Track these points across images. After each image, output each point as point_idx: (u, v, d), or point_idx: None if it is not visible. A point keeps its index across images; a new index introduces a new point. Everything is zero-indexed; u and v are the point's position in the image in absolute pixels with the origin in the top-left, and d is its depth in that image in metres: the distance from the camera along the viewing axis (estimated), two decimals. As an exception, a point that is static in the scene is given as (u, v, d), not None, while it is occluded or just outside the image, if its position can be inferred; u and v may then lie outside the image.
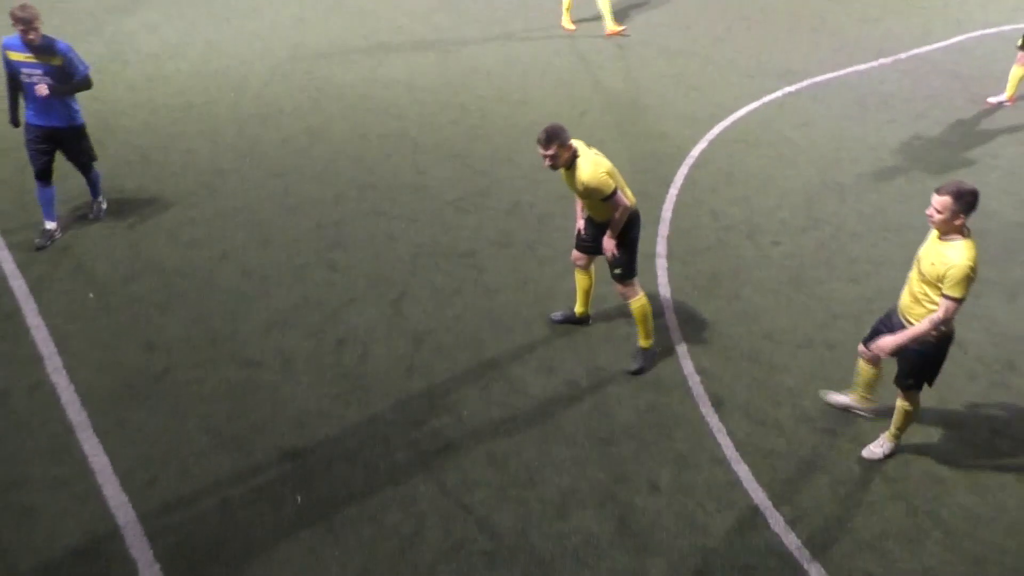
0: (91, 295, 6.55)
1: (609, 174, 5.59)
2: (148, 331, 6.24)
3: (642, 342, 6.16)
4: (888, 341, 5.02)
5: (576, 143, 5.61)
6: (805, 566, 4.81)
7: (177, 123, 9.11)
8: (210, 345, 6.15)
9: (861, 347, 5.50)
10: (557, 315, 6.57)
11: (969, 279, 4.67)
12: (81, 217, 7.42)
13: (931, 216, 4.72)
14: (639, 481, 5.29)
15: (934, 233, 4.86)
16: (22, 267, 6.77)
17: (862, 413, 5.80)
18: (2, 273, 6.72)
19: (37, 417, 5.46)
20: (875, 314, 6.76)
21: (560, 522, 5.00)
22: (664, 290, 6.99)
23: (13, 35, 6.54)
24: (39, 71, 6.53)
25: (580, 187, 5.60)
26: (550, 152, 5.48)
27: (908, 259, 7.44)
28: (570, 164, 5.59)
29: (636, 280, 6.02)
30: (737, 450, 5.54)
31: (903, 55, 11.97)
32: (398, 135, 9.20)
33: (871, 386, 5.66)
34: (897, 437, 5.50)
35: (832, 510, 5.17)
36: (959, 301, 4.73)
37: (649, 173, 8.72)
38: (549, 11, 12.76)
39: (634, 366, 6.12)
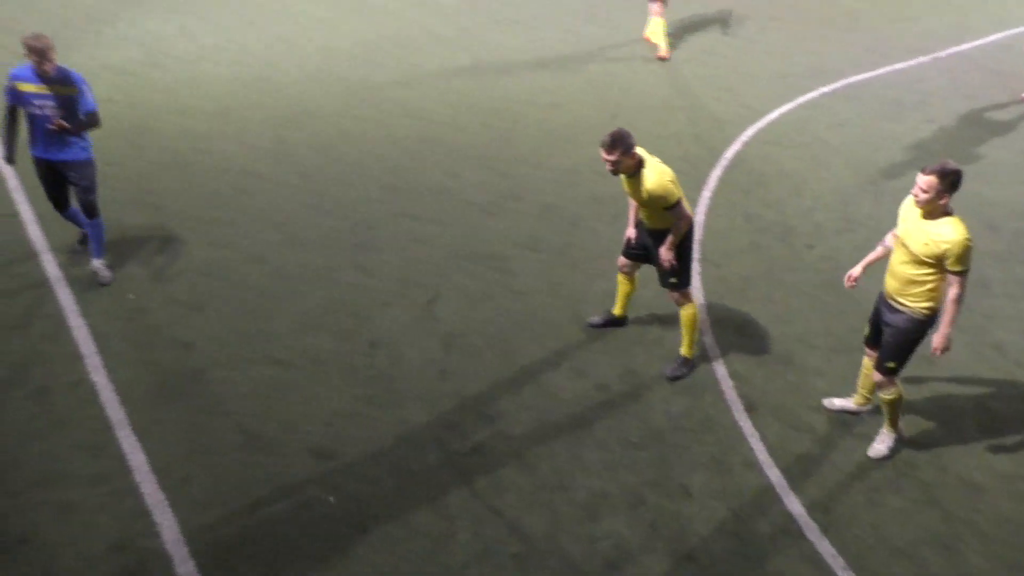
0: (130, 295, 6.66)
1: (673, 183, 5.58)
2: (184, 331, 6.33)
3: (684, 350, 6.12)
4: (940, 339, 5.07)
5: (639, 151, 5.57)
6: (839, 574, 4.75)
7: (211, 127, 9.23)
8: (243, 345, 6.23)
9: (867, 348, 5.57)
10: (596, 319, 6.53)
11: (970, 250, 4.85)
12: (116, 219, 7.55)
13: (917, 196, 4.87)
14: (671, 485, 5.26)
15: (914, 213, 4.98)
16: (64, 268, 6.89)
17: (859, 412, 5.81)
18: (45, 275, 6.86)
19: (77, 414, 5.57)
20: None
21: (591, 526, 4.99)
22: (696, 293, 6.94)
23: (23, 66, 6.26)
24: (51, 102, 6.25)
25: (645, 195, 5.57)
26: (613, 157, 5.45)
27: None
28: (634, 172, 5.57)
29: (690, 289, 6.00)
30: (770, 455, 5.49)
31: (942, 53, 11.78)
32: (428, 138, 9.24)
33: (875, 386, 5.65)
34: (895, 426, 5.51)
35: (867, 516, 5.10)
36: (967, 273, 4.90)
37: (681, 175, 8.57)
38: (579, 14, 12.74)
39: (672, 372, 6.09)
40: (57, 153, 6.48)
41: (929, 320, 5.14)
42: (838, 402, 5.86)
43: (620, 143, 5.43)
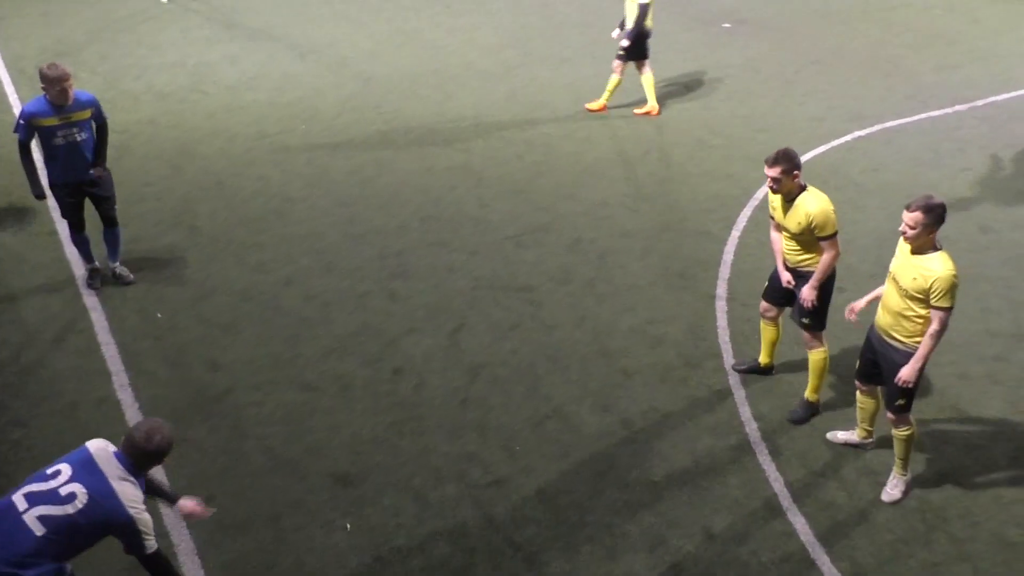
0: (159, 315, 6.77)
1: (834, 212, 5.53)
2: (213, 351, 6.41)
3: (810, 395, 6.05)
4: (907, 371, 5.08)
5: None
6: (864, 626, 4.63)
7: (251, 151, 9.42)
8: (271, 367, 6.28)
9: (858, 383, 5.58)
10: (741, 365, 6.45)
11: (955, 287, 4.86)
12: (153, 239, 7.69)
13: (904, 232, 4.91)
14: (692, 527, 5.18)
15: (905, 249, 5.03)
16: (95, 288, 7.03)
17: (864, 445, 5.77)
18: (76, 291, 7.00)
19: (103, 431, 5.57)
20: (943, 366, 6.55)
21: (610, 564, 4.92)
22: (723, 333, 6.89)
23: (34, 100, 6.30)
24: (74, 129, 6.34)
25: (804, 218, 5.49)
26: (774, 172, 5.43)
27: (979, 312, 7.23)
28: (794, 195, 5.53)
29: (823, 332, 5.92)
30: (794, 500, 5.38)
31: (980, 102, 11.66)
32: (463, 168, 9.33)
33: (873, 419, 5.67)
34: (905, 468, 5.45)
35: (893, 569, 4.96)
36: (949, 310, 4.90)
37: (712, 214, 8.65)
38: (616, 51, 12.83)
39: (791, 415, 6.04)
40: (82, 174, 6.58)
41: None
42: (841, 435, 5.85)
43: (786, 160, 5.41)
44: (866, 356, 5.44)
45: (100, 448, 3.80)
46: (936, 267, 4.85)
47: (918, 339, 5.04)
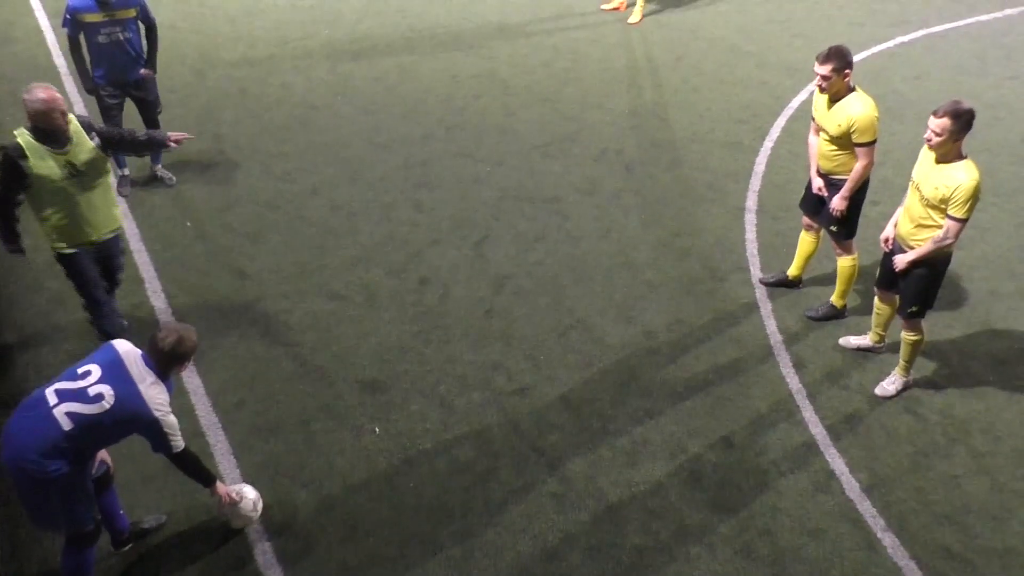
0: (188, 223, 6.82)
1: (878, 119, 5.41)
2: (241, 260, 6.47)
3: (836, 299, 6.10)
4: (899, 258, 5.15)
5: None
6: (879, 535, 4.72)
7: (273, 57, 9.27)
8: (298, 276, 6.34)
9: (876, 289, 5.60)
10: (769, 278, 6.43)
11: (975, 199, 4.77)
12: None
13: (929, 140, 4.79)
14: (712, 436, 5.25)
15: (929, 157, 4.92)
16: (124, 195, 7.07)
17: (876, 349, 5.85)
18: (108, 197, 7.04)
19: (137, 337, 5.73)
20: (975, 281, 6.48)
21: (630, 471, 5.02)
22: (751, 246, 6.82)
23: None
24: (118, 28, 6.38)
25: (845, 121, 5.38)
26: (824, 71, 5.31)
27: (1015, 228, 7.08)
28: (840, 96, 5.41)
29: (852, 241, 5.91)
30: (816, 412, 5.43)
31: (1031, 5, 11.12)
32: (488, 76, 9.13)
33: (887, 324, 5.72)
34: (907, 370, 5.54)
35: (912, 480, 5.03)
36: (963, 222, 4.84)
37: (745, 124, 8.44)
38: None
39: (812, 312, 6.13)
40: (126, 73, 6.65)
41: (943, 261, 5.13)
42: (854, 340, 5.90)
43: (837, 58, 5.28)
44: (886, 263, 5.41)
45: (128, 351, 3.91)
46: (960, 176, 4.75)
47: None
